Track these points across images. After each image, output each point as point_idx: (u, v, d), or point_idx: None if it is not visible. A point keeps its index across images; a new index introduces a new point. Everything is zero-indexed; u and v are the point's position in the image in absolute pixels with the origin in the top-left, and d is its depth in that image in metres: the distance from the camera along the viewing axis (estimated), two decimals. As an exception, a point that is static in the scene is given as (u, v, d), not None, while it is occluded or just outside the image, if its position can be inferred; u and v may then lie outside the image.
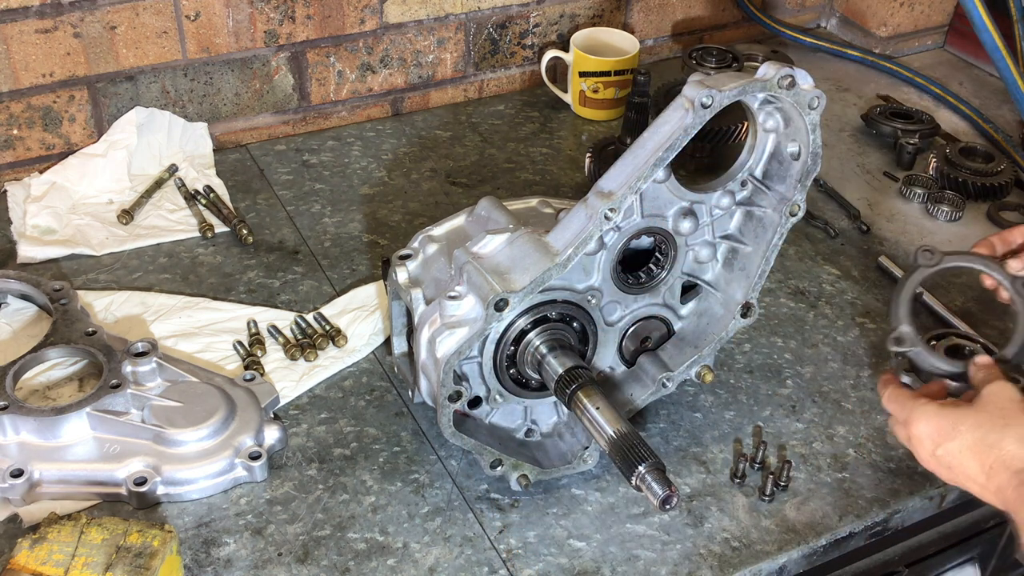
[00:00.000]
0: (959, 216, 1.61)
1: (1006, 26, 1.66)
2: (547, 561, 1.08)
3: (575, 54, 1.75)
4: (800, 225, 1.54)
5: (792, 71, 1.02)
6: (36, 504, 1.09)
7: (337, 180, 1.61)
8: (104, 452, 1.11)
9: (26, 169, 1.55)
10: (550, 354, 1.08)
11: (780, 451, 1.21)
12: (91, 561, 0.94)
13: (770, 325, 1.39)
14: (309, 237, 1.49)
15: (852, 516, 1.14)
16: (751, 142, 1.12)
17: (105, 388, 1.14)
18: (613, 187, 1.03)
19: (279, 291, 1.39)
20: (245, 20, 1.58)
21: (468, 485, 1.15)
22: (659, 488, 0.95)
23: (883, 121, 1.77)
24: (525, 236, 1.06)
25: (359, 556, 1.07)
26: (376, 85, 1.75)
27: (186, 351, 1.27)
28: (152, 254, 1.44)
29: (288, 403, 1.23)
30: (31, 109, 1.51)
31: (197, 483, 1.11)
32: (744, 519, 1.13)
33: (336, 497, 1.13)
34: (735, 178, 1.13)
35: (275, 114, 1.69)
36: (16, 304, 1.32)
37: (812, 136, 1.06)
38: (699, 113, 1.00)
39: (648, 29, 1.95)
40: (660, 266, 1.14)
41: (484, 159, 1.68)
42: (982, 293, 1.46)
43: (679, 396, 1.26)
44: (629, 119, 1.60)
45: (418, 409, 1.23)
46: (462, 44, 1.78)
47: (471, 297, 1.04)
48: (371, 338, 1.32)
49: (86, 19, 1.48)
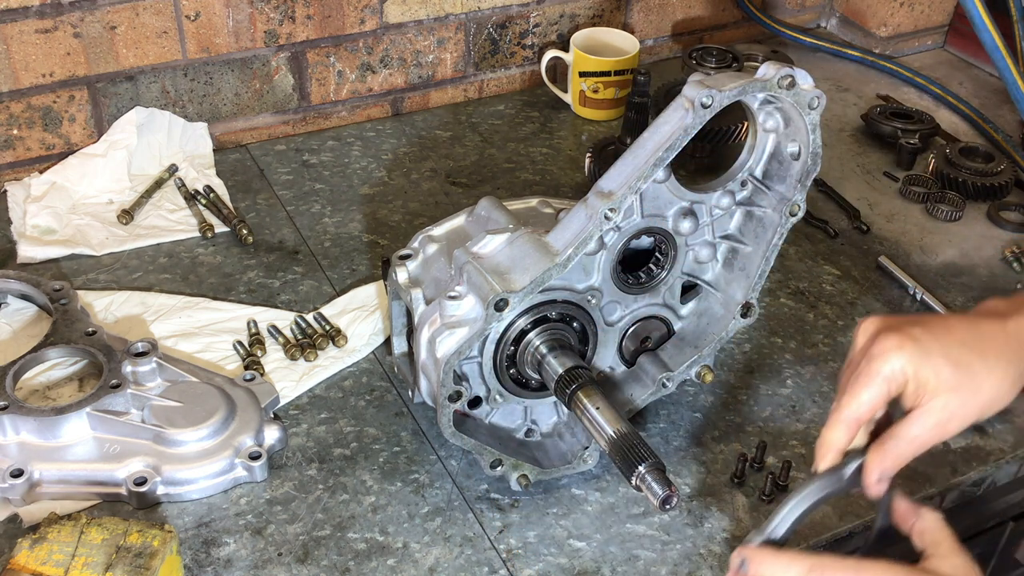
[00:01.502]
0: (959, 216, 1.61)
1: (1006, 26, 1.66)
2: (547, 561, 1.08)
3: (575, 54, 1.75)
4: (800, 225, 1.54)
5: (792, 71, 1.02)
6: (36, 504, 1.09)
7: (337, 180, 1.61)
8: (104, 452, 1.11)
9: (26, 169, 1.55)
10: (550, 354, 1.08)
11: (780, 451, 1.21)
12: (91, 561, 0.94)
13: (770, 325, 1.39)
14: (309, 237, 1.49)
15: (852, 516, 1.14)
16: (751, 142, 1.12)
17: (105, 388, 1.14)
18: (613, 187, 1.03)
19: (279, 291, 1.39)
20: (245, 20, 1.58)
21: (468, 485, 1.15)
22: (659, 488, 0.95)
23: (883, 121, 1.77)
24: (525, 236, 1.06)
25: (359, 556, 1.07)
26: (376, 85, 1.75)
27: (186, 351, 1.27)
28: (152, 254, 1.44)
29: (288, 403, 1.23)
30: (31, 109, 1.51)
31: (197, 483, 1.11)
32: (744, 519, 1.13)
33: (336, 497, 1.13)
34: (735, 178, 1.13)
35: (275, 114, 1.69)
36: (16, 304, 1.33)
37: (812, 136, 1.06)
38: (699, 113, 1.00)
39: (648, 29, 1.95)
40: (660, 266, 1.14)
41: (484, 159, 1.68)
42: (982, 293, 1.46)
43: (679, 396, 1.26)
44: (629, 119, 1.60)
45: (418, 409, 1.23)
46: (462, 44, 1.78)
47: (471, 297, 1.04)
48: (371, 338, 1.32)
49: (86, 19, 1.48)
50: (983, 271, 1.51)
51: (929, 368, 0.85)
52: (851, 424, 0.88)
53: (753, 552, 0.84)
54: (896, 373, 0.86)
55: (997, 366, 0.87)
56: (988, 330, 0.89)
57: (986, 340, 0.88)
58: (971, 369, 0.86)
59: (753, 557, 0.84)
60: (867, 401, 0.87)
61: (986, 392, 0.86)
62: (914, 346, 0.86)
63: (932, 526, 0.87)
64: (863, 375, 0.87)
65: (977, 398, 0.86)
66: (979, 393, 0.86)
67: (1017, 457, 1.23)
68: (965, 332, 0.88)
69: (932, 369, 0.85)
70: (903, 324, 0.88)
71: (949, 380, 0.85)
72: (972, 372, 0.86)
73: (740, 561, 0.84)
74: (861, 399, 0.87)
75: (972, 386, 0.86)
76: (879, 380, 0.86)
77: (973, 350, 0.87)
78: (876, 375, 0.86)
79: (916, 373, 0.85)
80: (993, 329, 0.89)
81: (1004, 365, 0.87)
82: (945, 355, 0.86)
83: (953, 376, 0.85)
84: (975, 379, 0.86)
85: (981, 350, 0.87)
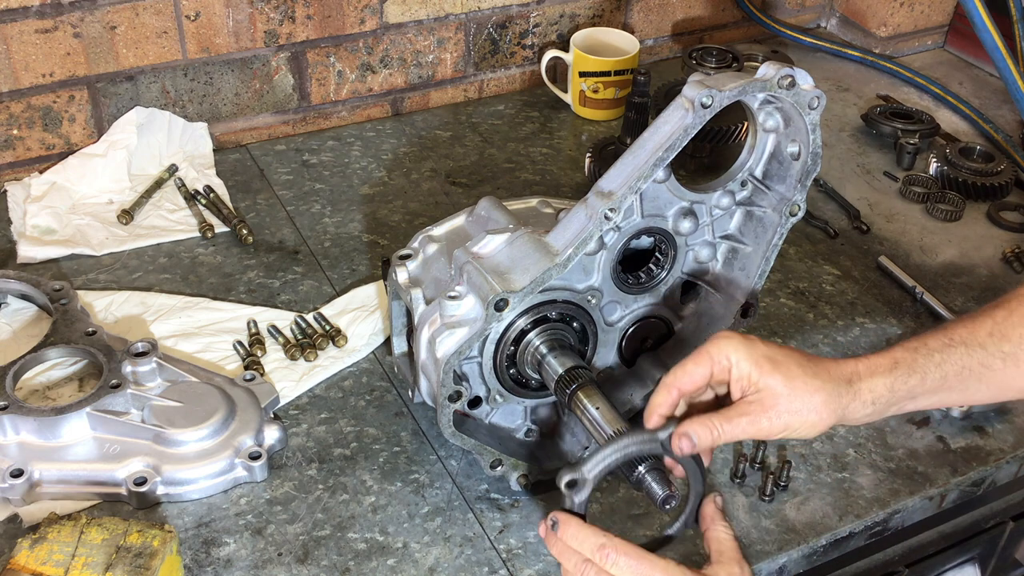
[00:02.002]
0: (959, 216, 1.61)
1: (1006, 26, 1.66)
2: (547, 561, 1.08)
3: (575, 54, 1.75)
4: (800, 225, 1.54)
5: (792, 71, 1.02)
6: (36, 504, 1.09)
7: (337, 180, 1.61)
8: (104, 452, 1.11)
9: (26, 169, 1.55)
10: (550, 354, 1.08)
11: (780, 451, 1.21)
12: (91, 561, 0.94)
13: (770, 325, 1.39)
14: (309, 237, 1.49)
15: (852, 516, 1.14)
16: (751, 142, 1.12)
17: (105, 388, 1.14)
18: (613, 187, 1.03)
19: (279, 291, 1.39)
20: (245, 20, 1.58)
21: (468, 485, 1.15)
22: (659, 488, 0.95)
23: (883, 121, 1.77)
24: (525, 236, 1.06)
25: (359, 556, 1.07)
26: (376, 85, 1.75)
27: (186, 351, 1.27)
28: (152, 254, 1.44)
29: (288, 403, 1.23)
30: (31, 109, 1.51)
31: (197, 483, 1.11)
32: (744, 519, 1.13)
33: (336, 497, 1.13)
34: (735, 178, 1.13)
35: (275, 114, 1.69)
36: (16, 304, 1.33)
37: (812, 136, 1.06)
38: (699, 113, 1.00)
39: (648, 29, 1.95)
40: (660, 266, 1.14)
41: (484, 159, 1.68)
42: (982, 293, 1.46)
43: (679, 396, 1.26)
44: (629, 119, 1.60)
45: (418, 409, 1.23)
46: (462, 44, 1.78)
47: (471, 297, 1.04)
48: (371, 338, 1.32)
49: (86, 19, 1.48)
50: (983, 271, 1.51)
51: (751, 363, 0.94)
52: (673, 391, 0.97)
53: (565, 517, 0.93)
54: (720, 356, 0.95)
55: (822, 389, 0.94)
56: (824, 362, 0.97)
57: (819, 366, 0.96)
58: (793, 382, 0.94)
59: (564, 521, 0.92)
60: (690, 372, 0.96)
61: (802, 408, 0.94)
62: (744, 340, 0.96)
63: (722, 536, 0.94)
64: (695, 354, 0.97)
65: (791, 407, 0.93)
66: (794, 403, 0.93)
67: (1017, 457, 1.23)
68: (802, 356, 0.97)
69: (754, 364, 0.94)
70: (750, 334, 0.98)
71: (771, 383, 0.94)
72: (793, 384, 0.94)
73: (552, 522, 0.93)
74: (686, 369, 0.96)
75: (791, 396, 0.93)
76: (705, 358, 0.96)
77: (803, 368, 0.95)
78: (704, 354, 0.96)
79: (739, 362, 0.95)
80: (828, 363, 0.97)
81: (827, 392, 0.94)
82: (771, 359, 0.95)
83: (773, 378, 0.94)
84: (794, 392, 0.93)
85: (812, 372, 0.95)
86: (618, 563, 0.90)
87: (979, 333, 1.00)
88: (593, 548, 0.91)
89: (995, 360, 0.99)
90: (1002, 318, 1.00)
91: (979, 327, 1.00)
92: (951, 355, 0.99)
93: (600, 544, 0.90)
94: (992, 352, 0.99)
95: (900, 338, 1.36)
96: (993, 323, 1.00)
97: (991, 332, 0.99)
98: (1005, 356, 0.99)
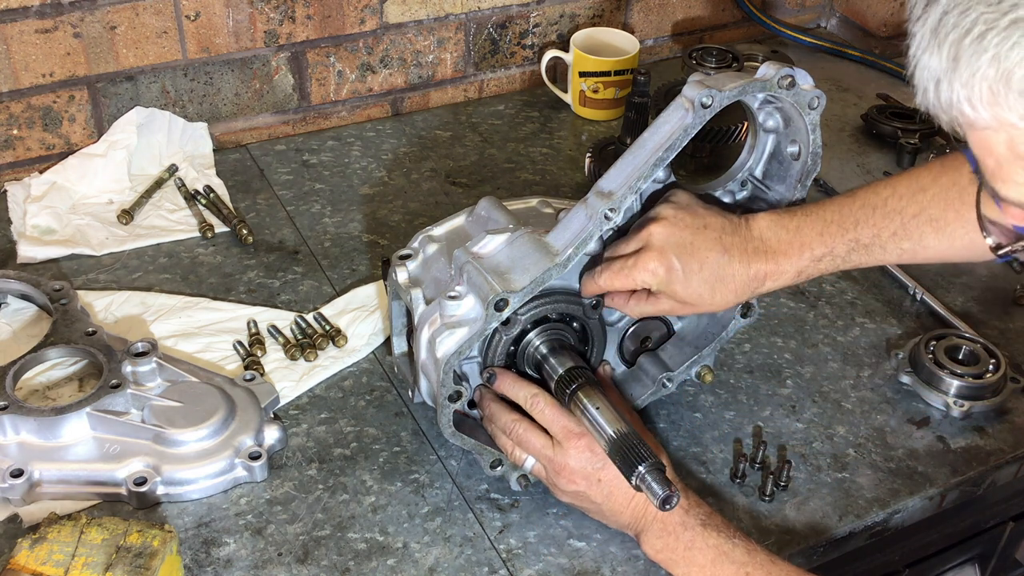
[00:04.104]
0: (959, 216, 1.61)
1: (1006, 26, 1.66)
2: (547, 561, 1.08)
3: (575, 54, 1.75)
4: (800, 225, 1.54)
5: (792, 71, 1.02)
6: (36, 504, 1.09)
7: (337, 180, 1.61)
8: (104, 452, 1.11)
9: (26, 169, 1.55)
10: (550, 354, 1.08)
11: (780, 451, 1.21)
12: (91, 561, 0.94)
13: (770, 325, 1.39)
14: (309, 237, 1.49)
15: (852, 516, 1.14)
16: (751, 142, 1.12)
17: (105, 388, 1.14)
18: (613, 187, 1.03)
19: (279, 291, 1.39)
20: (245, 20, 1.58)
21: (468, 485, 1.15)
22: (659, 488, 0.95)
23: (883, 121, 1.77)
24: (525, 236, 1.06)
25: (359, 556, 1.07)
26: (376, 85, 1.75)
27: (186, 351, 1.27)
28: (152, 254, 1.44)
29: (288, 403, 1.23)
30: (31, 109, 1.51)
31: (197, 483, 1.11)
32: (744, 519, 1.13)
33: (336, 497, 1.13)
34: (735, 178, 1.13)
35: (275, 114, 1.69)
36: (16, 304, 1.32)
37: (812, 136, 1.06)
38: (699, 113, 1.00)
39: (648, 29, 1.95)
40: (660, 266, 1.14)
41: (484, 159, 1.68)
42: (982, 293, 1.46)
43: (679, 396, 1.26)
44: (629, 119, 1.60)
45: (418, 409, 1.23)
46: (462, 44, 1.78)
47: (471, 297, 1.04)
48: (371, 338, 1.32)
49: (86, 19, 1.48)
50: (983, 271, 1.51)
51: (667, 227, 1.03)
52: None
53: (501, 372, 1.08)
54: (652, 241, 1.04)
55: (733, 292, 1.05)
56: (733, 265, 1.04)
57: (729, 268, 1.04)
58: (696, 255, 1.03)
59: (501, 376, 1.08)
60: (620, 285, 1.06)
61: (694, 282, 1.03)
62: (669, 234, 1.03)
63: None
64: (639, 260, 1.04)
65: (689, 275, 1.03)
66: (691, 274, 1.03)
67: (1017, 457, 1.23)
68: (717, 254, 1.04)
69: (667, 231, 1.03)
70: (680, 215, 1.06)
71: (676, 247, 1.02)
72: (697, 256, 1.03)
73: (488, 375, 1.09)
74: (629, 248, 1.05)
75: (690, 264, 1.03)
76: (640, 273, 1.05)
77: (719, 245, 1.03)
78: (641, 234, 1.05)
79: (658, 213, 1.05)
80: (738, 266, 1.04)
81: (736, 296, 1.05)
82: (690, 226, 1.04)
83: (679, 244, 1.03)
84: (692, 263, 1.03)
85: (726, 246, 1.03)
86: (544, 412, 1.04)
87: (883, 235, 1.06)
88: (527, 396, 1.05)
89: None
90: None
91: (883, 229, 1.06)
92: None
93: (533, 393, 1.05)
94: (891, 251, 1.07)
95: (900, 338, 1.37)
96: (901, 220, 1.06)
97: (894, 232, 1.06)
98: (902, 252, 1.07)
